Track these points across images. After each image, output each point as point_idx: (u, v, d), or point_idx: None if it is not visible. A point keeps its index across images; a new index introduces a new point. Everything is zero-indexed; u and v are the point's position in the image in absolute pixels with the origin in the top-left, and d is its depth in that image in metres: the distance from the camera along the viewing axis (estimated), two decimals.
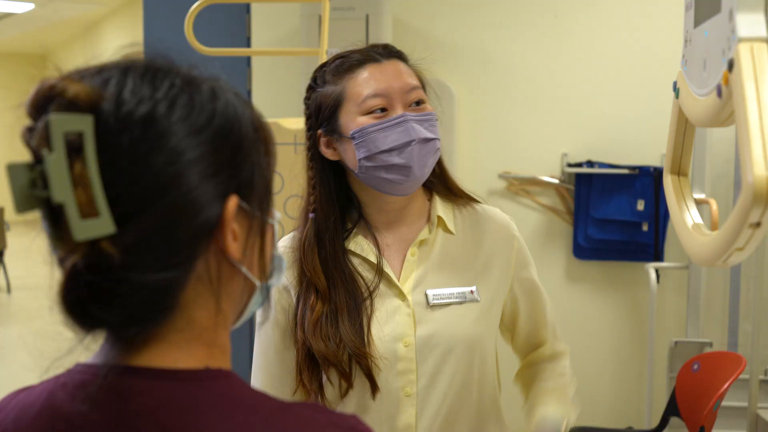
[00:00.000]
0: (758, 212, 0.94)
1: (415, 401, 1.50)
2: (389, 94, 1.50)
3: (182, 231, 0.78)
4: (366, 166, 1.49)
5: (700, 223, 1.28)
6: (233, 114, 0.84)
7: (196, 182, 0.78)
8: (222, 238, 0.81)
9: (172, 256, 0.78)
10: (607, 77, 4.08)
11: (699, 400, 2.98)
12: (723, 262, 1.07)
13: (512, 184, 4.14)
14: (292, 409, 0.84)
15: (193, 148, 0.79)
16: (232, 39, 4.06)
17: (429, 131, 1.51)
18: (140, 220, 0.76)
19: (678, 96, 1.30)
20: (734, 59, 0.99)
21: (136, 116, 0.77)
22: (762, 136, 0.92)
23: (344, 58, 1.55)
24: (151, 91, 0.79)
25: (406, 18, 4.19)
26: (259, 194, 0.85)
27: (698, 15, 1.21)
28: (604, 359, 4.17)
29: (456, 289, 1.55)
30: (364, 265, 1.56)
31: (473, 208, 1.64)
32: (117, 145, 0.76)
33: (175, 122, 0.79)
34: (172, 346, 0.82)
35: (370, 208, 1.58)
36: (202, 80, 0.85)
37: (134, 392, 0.79)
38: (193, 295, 0.82)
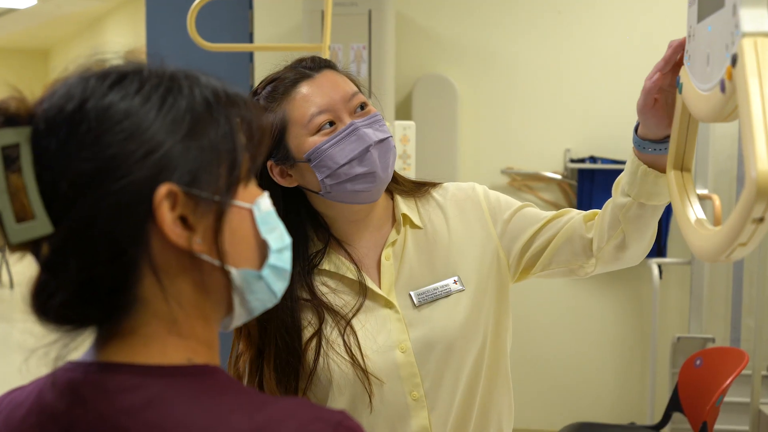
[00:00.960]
0: (761, 208, 0.94)
1: (425, 403, 1.49)
2: (333, 107, 1.46)
3: (115, 224, 0.79)
4: (330, 185, 1.46)
5: (703, 218, 1.28)
6: (172, 101, 0.83)
7: (122, 174, 0.78)
8: (159, 225, 0.80)
9: (110, 250, 0.79)
10: (609, 73, 4.07)
11: (701, 396, 2.98)
12: (726, 258, 1.07)
13: (515, 179, 4.14)
14: (278, 403, 0.84)
15: (119, 141, 0.79)
16: (234, 35, 4.06)
17: (381, 132, 1.48)
18: (69, 217, 0.78)
19: (681, 91, 1.30)
20: (738, 54, 0.99)
21: (62, 116, 0.80)
22: (765, 131, 0.92)
23: (275, 82, 1.51)
24: (80, 90, 0.81)
25: (408, 14, 4.18)
26: (213, 178, 0.83)
27: (701, 10, 1.21)
28: (607, 355, 4.17)
29: (439, 284, 1.53)
30: (343, 283, 1.53)
31: (435, 195, 1.61)
32: (46, 148, 0.79)
33: (98, 117, 0.80)
34: (148, 341, 0.83)
35: (337, 222, 1.55)
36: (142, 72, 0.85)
37: (118, 389, 0.80)
38: (152, 287, 0.82)
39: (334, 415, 0.84)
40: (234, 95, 0.88)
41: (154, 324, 0.83)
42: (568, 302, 4.12)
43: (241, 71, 4.12)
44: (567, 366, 4.22)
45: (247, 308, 0.89)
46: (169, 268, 0.82)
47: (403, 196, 1.60)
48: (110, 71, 0.84)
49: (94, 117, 0.79)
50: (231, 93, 0.88)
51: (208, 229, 0.83)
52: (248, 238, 0.87)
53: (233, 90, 0.88)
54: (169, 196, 0.80)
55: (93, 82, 0.82)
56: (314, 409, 0.84)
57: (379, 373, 1.47)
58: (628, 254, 1.51)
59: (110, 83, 0.82)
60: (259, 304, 0.89)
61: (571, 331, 4.10)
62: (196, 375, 0.83)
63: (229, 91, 0.88)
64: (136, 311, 0.82)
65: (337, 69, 1.54)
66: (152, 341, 0.83)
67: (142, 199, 0.79)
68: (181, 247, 0.81)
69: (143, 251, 0.80)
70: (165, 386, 0.81)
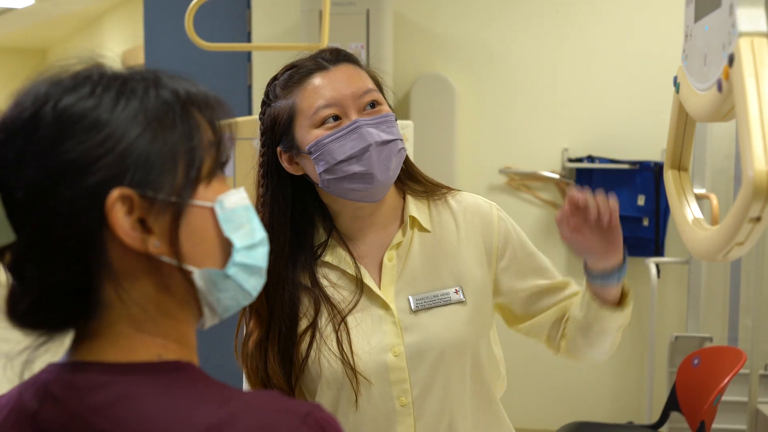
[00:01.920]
0: (758, 207, 0.94)
1: (411, 410, 1.47)
2: (340, 101, 1.45)
3: (70, 230, 0.80)
4: (327, 180, 1.45)
5: (701, 218, 1.28)
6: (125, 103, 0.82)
7: (74, 181, 0.79)
8: (113, 229, 0.80)
9: (68, 256, 0.80)
10: (607, 72, 4.08)
11: (699, 395, 2.99)
12: (723, 257, 1.07)
13: (513, 179, 4.14)
14: (246, 396, 0.84)
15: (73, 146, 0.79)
16: (232, 34, 4.06)
17: (386, 133, 1.45)
18: (28, 225, 0.80)
19: (678, 91, 1.30)
20: (735, 54, 0.99)
21: (18, 125, 0.81)
22: (762, 130, 0.93)
23: (293, 69, 1.50)
24: (33, 98, 0.82)
25: (406, 13, 4.19)
26: (170, 179, 0.83)
27: (699, 10, 1.21)
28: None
29: (439, 292, 1.50)
30: (343, 278, 1.52)
31: (451, 201, 1.58)
32: (6, 157, 0.81)
33: (51, 124, 0.80)
34: (118, 340, 0.84)
35: (342, 217, 1.53)
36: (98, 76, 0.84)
37: (90, 388, 0.81)
38: (114, 290, 0.83)
39: (303, 406, 0.84)
40: (196, 94, 0.87)
41: (120, 324, 0.84)
42: None
43: (239, 71, 4.12)
44: (565, 365, 4.22)
45: (220, 306, 0.89)
46: (130, 271, 0.83)
47: (415, 196, 1.57)
48: (67, 75, 0.84)
49: (47, 123, 0.80)
50: (193, 92, 0.87)
51: (166, 231, 0.83)
52: (210, 237, 0.86)
53: (198, 89, 0.88)
54: (123, 199, 0.80)
55: (46, 88, 0.82)
56: (282, 401, 0.84)
57: (368, 374, 1.46)
58: (584, 356, 1.59)
59: (63, 89, 0.82)
60: (233, 302, 0.89)
61: None
62: (166, 371, 0.84)
63: (192, 91, 0.87)
64: (102, 313, 0.83)
65: (358, 63, 1.53)
66: (120, 340, 0.84)
67: (95, 203, 0.80)
68: (138, 250, 0.82)
69: (100, 256, 0.81)
70: (133, 383, 0.82)
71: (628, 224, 4.01)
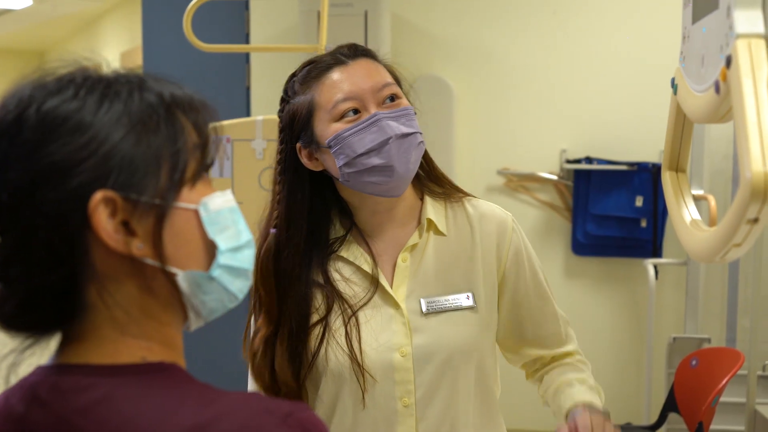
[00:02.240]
0: (756, 208, 0.94)
1: (414, 411, 1.47)
2: (359, 95, 1.45)
3: (53, 233, 0.80)
4: (347, 173, 1.45)
5: (698, 219, 1.28)
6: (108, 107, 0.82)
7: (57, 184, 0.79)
8: (96, 232, 0.80)
9: (50, 259, 0.80)
10: (605, 73, 4.08)
11: (697, 396, 2.99)
12: (721, 258, 1.07)
13: (511, 180, 4.15)
14: (228, 396, 0.84)
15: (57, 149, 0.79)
16: (230, 35, 4.06)
17: (406, 126, 1.46)
18: (13, 228, 0.80)
19: (676, 92, 1.30)
20: (732, 55, 1.00)
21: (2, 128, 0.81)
22: (759, 132, 0.93)
23: (312, 65, 1.51)
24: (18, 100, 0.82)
25: (404, 14, 4.19)
26: (153, 182, 0.83)
27: (696, 11, 1.21)
28: (603, 355, 4.18)
29: (451, 296, 1.51)
30: (357, 274, 1.52)
31: (467, 206, 1.59)
32: None
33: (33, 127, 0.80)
34: (102, 342, 0.84)
35: (361, 212, 1.54)
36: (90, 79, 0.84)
37: (74, 390, 0.82)
38: (98, 292, 0.83)
39: (285, 406, 0.84)
40: (181, 97, 0.87)
41: (104, 327, 0.84)
42: (564, 303, 4.10)
43: (237, 72, 4.12)
44: None
45: (205, 309, 0.89)
46: (113, 274, 0.83)
47: (433, 198, 1.58)
48: (48, 79, 0.84)
49: (31, 126, 0.80)
50: (178, 95, 0.87)
51: (149, 233, 0.83)
52: (194, 239, 0.86)
53: (183, 92, 0.88)
54: (106, 202, 0.80)
55: (30, 90, 0.82)
56: (264, 402, 0.84)
57: (374, 371, 1.46)
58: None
59: (47, 91, 0.82)
60: (218, 304, 0.89)
61: None
62: (149, 372, 0.84)
63: (176, 93, 0.87)
64: (86, 316, 0.83)
65: (376, 58, 1.54)
66: (105, 342, 0.84)
67: (78, 206, 0.80)
68: (121, 253, 0.82)
69: (84, 258, 0.81)
70: (116, 384, 0.82)
71: (626, 225, 4.01)
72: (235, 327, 1.55)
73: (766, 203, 0.93)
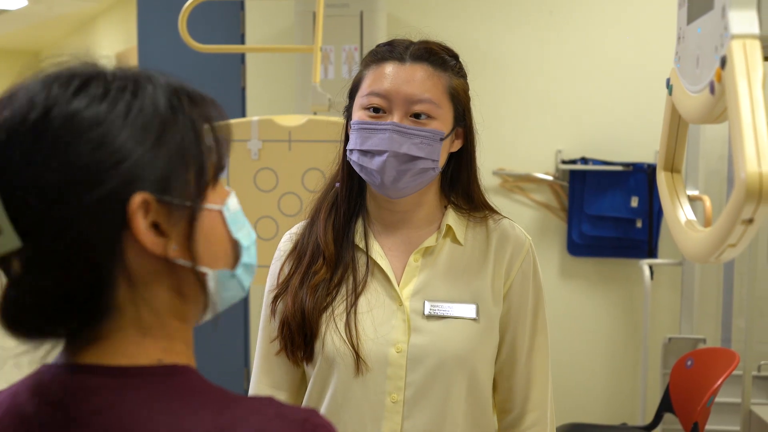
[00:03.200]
0: (751, 209, 0.94)
1: (401, 409, 1.48)
2: (390, 97, 1.46)
3: (89, 235, 0.78)
4: (351, 156, 1.51)
5: (693, 219, 1.28)
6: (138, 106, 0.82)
7: (94, 184, 0.77)
8: (135, 234, 0.80)
9: (85, 262, 0.78)
10: (601, 74, 4.08)
11: (692, 396, 2.99)
12: (716, 259, 1.08)
13: (506, 180, 4.15)
14: (244, 401, 0.84)
15: (89, 150, 0.78)
16: (226, 36, 4.06)
17: (418, 149, 1.45)
18: (42, 230, 0.77)
19: (671, 93, 1.30)
20: (727, 56, 1.00)
21: (25, 126, 0.78)
22: (754, 132, 0.93)
23: (382, 46, 1.55)
24: (43, 97, 0.79)
25: (400, 14, 4.19)
26: (183, 183, 0.83)
27: (691, 12, 1.21)
28: (598, 355, 4.18)
29: (456, 304, 1.51)
30: (363, 260, 1.55)
31: (490, 221, 1.59)
32: (10, 159, 0.77)
33: (66, 126, 0.78)
34: (121, 344, 0.83)
35: (373, 200, 1.58)
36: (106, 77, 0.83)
37: (86, 390, 0.81)
38: (128, 294, 0.82)
39: (301, 412, 0.84)
40: (196, 95, 0.87)
41: (128, 328, 0.83)
42: (560, 303, 4.12)
43: (233, 72, 4.11)
44: (558, 367, 4.22)
45: (221, 305, 0.90)
46: (145, 275, 0.82)
47: (456, 209, 1.58)
48: (73, 75, 0.82)
49: (59, 126, 0.78)
50: (193, 93, 0.87)
51: (181, 235, 0.83)
52: (221, 239, 0.88)
53: (194, 90, 0.88)
54: (142, 204, 0.79)
55: (56, 88, 0.80)
56: (280, 407, 0.84)
57: (368, 362, 1.48)
58: None
59: (74, 89, 0.80)
60: (231, 300, 0.91)
61: (563, 332, 4.10)
62: (165, 375, 0.83)
63: (191, 92, 0.87)
64: (112, 317, 0.82)
65: (443, 69, 1.52)
66: (123, 344, 0.83)
67: (116, 209, 0.78)
68: (158, 255, 0.81)
69: (118, 260, 0.80)
70: (132, 387, 0.81)
71: (622, 226, 4.02)
72: (234, 327, 1.56)
73: (761, 204, 0.93)
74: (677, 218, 1.30)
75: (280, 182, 2.55)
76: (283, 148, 2.55)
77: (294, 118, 2.58)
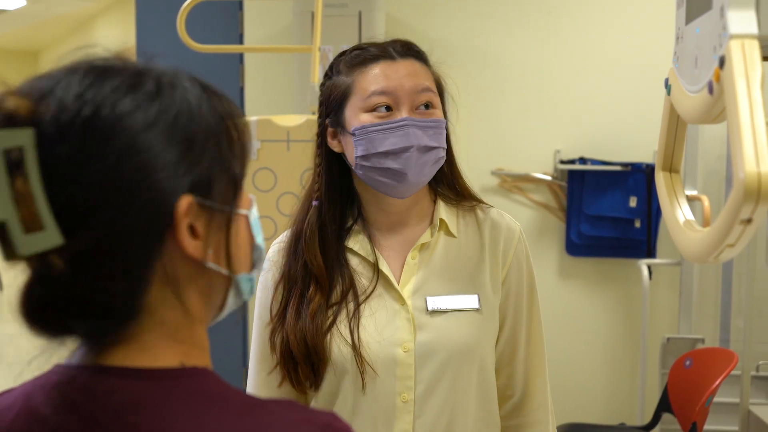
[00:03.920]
0: (749, 209, 0.94)
1: (412, 408, 1.47)
2: (396, 93, 1.46)
3: (132, 236, 0.77)
4: (362, 165, 1.47)
5: (692, 219, 1.28)
6: (185, 109, 0.81)
7: (143, 186, 0.77)
8: (178, 238, 0.79)
9: (125, 262, 0.78)
10: (600, 74, 4.08)
11: (691, 396, 2.99)
12: (715, 259, 1.08)
13: (505, 180, 4.15)
14: (266, 406, 0.84)
15: (139, 151, 0.77)
16: (224, 36, 4.05)
17: (432, 139, 1.47)
18: (86, 229, 0.76)
19: (670, 93, 1.30)
20: (725, 56, 1.00)
21: (76, 123, 0.76)
22: (753, 132, 0.93)
23: (362, 50, 1.52)
24: (93, 94, 0.78)
25: (398, 15, 4.19)
26: (221, 187, 0.83)
27: (690, 12, 1.21)
28: (597, 355, 4.18)
29: (456, 297, 1.51)
30: (363, 265, 1.53)
31: (478, 212, 1.60)
32: (58, 155, 0.75)
33: (117, 126, 0.77)
34: (146, 346, 0.82)
35: (370, 206, 1.55)
36: (152, 76, 0.83)
37: (108, 392, 0.80)
38: (159, 296, 0.81)
39: (323, 417, 0.84)
40: (224, 97, 0.87)
41: (155, 330, 0.82)
42: (558, 303, 4.12)
43: (231, 72, 4.11)
44: (557, 367, 4.22)
45: (231, 308, 0.91)
46: (180, 278, 0.82)
47: (446, 202, 1.59)
48: (121, 73, 0.81)
49: (110, 126, 0.77)
50: (221, 95, 0.87)
51: (220, 239, 0.84)
52: (246, 243, 0.89)
53: (219, 91, 0.88)
54: (188, 208, 0.79)
55: (107, 87, 0.79)
56: (302, 412, 0.84)
57: (375, 365, 1.47)
58: None
59: (125, 89, 0.79)
60: (237, 302, 0.91)
61: (561, 332, 4.10)
62: (186, 377, 0.83)
63: (219, 93, 0.87)
64: (140, 319, 0.81)
65: (427, 62, 1.55)
66: (148, 346, 0.82)
67: (163, 212, 0.78)
68: (197, 259, 0.81)
69: (157, 263, 0.80)
70: (154, 389, 0.80)
71: (620, 226, 4.02)
72: (233, 327, 1.55)
73: (759, 204, 0.93)
74: (676, 218, 1.30)
75: (278, 182, 2.55)
76: (282, 148, 2.55)
77: (292, 118, 2.58)
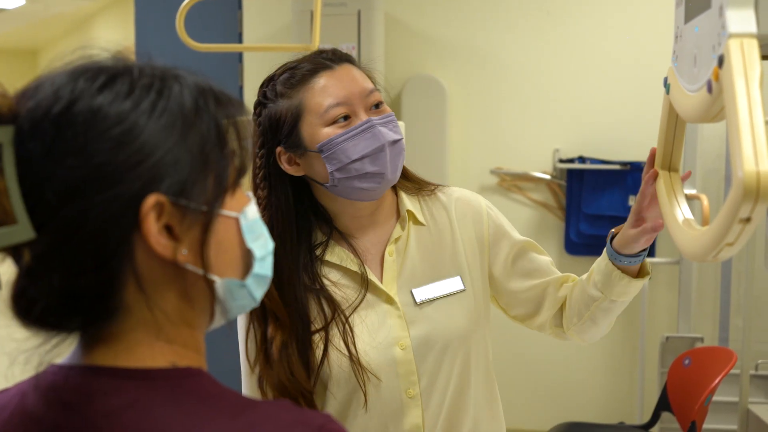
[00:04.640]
0: (748, 207, 0.94)
1: (420, 401, 1.49)
2: (350, 100, 1.45)
3: (101, 232, 0.77)
4: (339, 178, 1.45)
5: (691, 218, 1.28)
6: (163, 107, 0.80)
7: (111, 182, 0.76)
8: (145, 236, 0.78)
9: (95, 258, 0.77)
10: (598, 73, 4.08)
11: (690, 395, 2.99)
12: (714, 258, 1.08)
13: (504, 179, 4.15)
14: (260, 406, 0.83)
15: (109, 148, 0.77)
16: (223, 35, 4.06)
17: (394, 132, 1.48)
18: (53, 225, 0.76)
19: (669, 92, 1.30)
20: (724, 55, 1.00)
21: (48, 118, 0.77)
22: (752, 131, 0.93)
23: (294, 69, 1.49)
24: (68, 91, 0.78)
25: (397, 14, 4.19)
26: (203, 188, 0.81)
27: (689, 11, 1.21)
28: (596, 354, 4.18)
29: (440, 282, 1.53)
30: (346, 277, 1.52)
31: (440, 194, 1.62)
32: (31, 150, 0.76)
33: (89, 122, 0.77)
34: (131, 345, 0.82)
35: (341, 217, 1.54)
36: (135, 74, 0.82)
37: (101, 392, 0.79)
38: (136, 295, 0.80)
39: (317, 418, 0.83)
40: (222, 95, 0.86)
41: (139, 330, 0.82)
42: None
43: (231, 72, 4.11)
44: (556, 366, 4.22)
45: (231, 314, 0.88)
46: (154, 278, 0.81)
47: (407, 192, 1.60)
48: (100, 71, 0.81)
49: (82, 121, 0.77)
50: (219, 93, 0.86)
51: (194, 240, 0.81)
52: (233, 247, 0.86)
53: (221, 89, 0.86)
54: (155, 206, 0.78)
55: (82, 82, 0.79)
56: (296, 413, 0.83)
57: (377, 370, 1.47)
58: (593, 334, 1.66)
59: (100, 85, 0.79)
60: (239, 309, 0.89)
61: None
62: (179, 378, 0.82)
63: (217, 91, 0.85)
64: (121, 317, 0.81)
65: (357, 64, 1.53)
66: (136, 346, 0.82)
67: (130, 209, 0.77)
68: (166, 258, 0.80)
69: (127, 260, 0.79)
70: (146, 389, 0.80)
71: (619, 225, 4.01)
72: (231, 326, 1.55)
73: (758, 203, 0.93)
74: (675, 217, 1.30)
75: None
76: None
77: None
